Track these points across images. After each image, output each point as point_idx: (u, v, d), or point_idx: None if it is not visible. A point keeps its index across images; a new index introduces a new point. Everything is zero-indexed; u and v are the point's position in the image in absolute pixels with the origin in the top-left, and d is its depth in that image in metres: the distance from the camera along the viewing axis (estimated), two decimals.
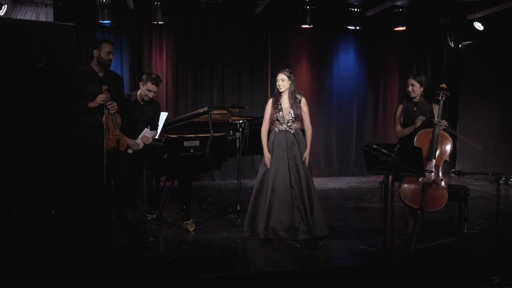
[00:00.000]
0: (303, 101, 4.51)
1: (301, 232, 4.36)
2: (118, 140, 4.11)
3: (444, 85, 4.47)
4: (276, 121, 4.50)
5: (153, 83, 4.51)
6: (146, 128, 4.48)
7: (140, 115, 4.62)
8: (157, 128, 4.81)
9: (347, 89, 8.73)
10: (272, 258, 3.95)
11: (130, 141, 4.34)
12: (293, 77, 4.48)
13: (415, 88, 4.49)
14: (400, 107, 4.64)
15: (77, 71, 4.42)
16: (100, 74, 4.25)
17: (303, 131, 4.59)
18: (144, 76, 4.58)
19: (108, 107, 4.05)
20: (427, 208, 4.27)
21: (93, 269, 3.61)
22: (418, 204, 4.21)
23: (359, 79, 8.82)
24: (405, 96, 4.63)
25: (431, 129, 4.34)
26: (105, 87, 4.05)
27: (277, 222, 4.37)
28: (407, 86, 4.55)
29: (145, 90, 4.53)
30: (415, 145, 4.26)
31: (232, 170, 7.98)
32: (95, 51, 4.18)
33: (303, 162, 4.46)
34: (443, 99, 4.42)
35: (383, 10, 7.68)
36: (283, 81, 4.45)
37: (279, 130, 4.50)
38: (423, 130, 4.37)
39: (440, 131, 4.33)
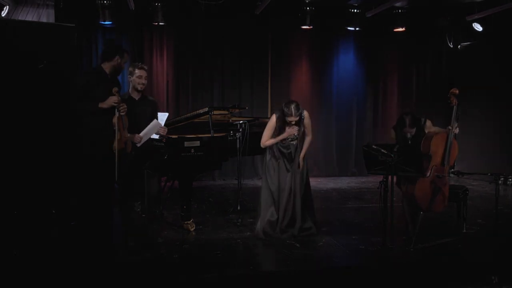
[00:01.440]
0: (306, 116, 4.44)
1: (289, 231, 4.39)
2: (126, 142, 4.14)
3: (456, 91, 4.26)
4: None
5: (140, 68, 4.57)
6: (154, 122, 4.48)
7: (136, 111, 4.62)
8: None
9: (347, 89, 8.74)
10: (272, 258, 3.97)
11: (134, 136, 4.38)
12: (301, 110, 4.35)
13: (413, 131, 4.34)
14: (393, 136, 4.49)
15: (85, 72, 4.40)
16: (110, 76, 4.21)
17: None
18: (130, 69, 4.62)
19: (120, 108, 4.05)
20: (433, 210, 4.26)
21: (93, 269, 3.62)
22: (426, 206, 4.19)
23: (359, 80, 8.84)
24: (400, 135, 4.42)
25: (445, 134, 4.23)
26: (115, 89, 4.03)
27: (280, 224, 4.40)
28: (405, 133, 4.32)
29: (136, 79, 4.55)
30: (431, 147, 4.16)
31: (232, 170, 7.98)
32: (117, 57, 4.13)
33: (304, 169, 4.46)
34: (456, 104, 4.25)
35: (382, 11, 7.70)
36: (296, 122, 4.34)
37: (282, 142, 4.45)
38: (438, 134, 4.25)
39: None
